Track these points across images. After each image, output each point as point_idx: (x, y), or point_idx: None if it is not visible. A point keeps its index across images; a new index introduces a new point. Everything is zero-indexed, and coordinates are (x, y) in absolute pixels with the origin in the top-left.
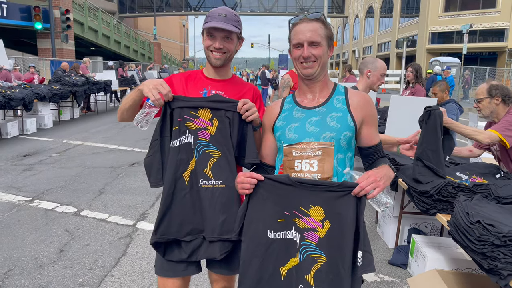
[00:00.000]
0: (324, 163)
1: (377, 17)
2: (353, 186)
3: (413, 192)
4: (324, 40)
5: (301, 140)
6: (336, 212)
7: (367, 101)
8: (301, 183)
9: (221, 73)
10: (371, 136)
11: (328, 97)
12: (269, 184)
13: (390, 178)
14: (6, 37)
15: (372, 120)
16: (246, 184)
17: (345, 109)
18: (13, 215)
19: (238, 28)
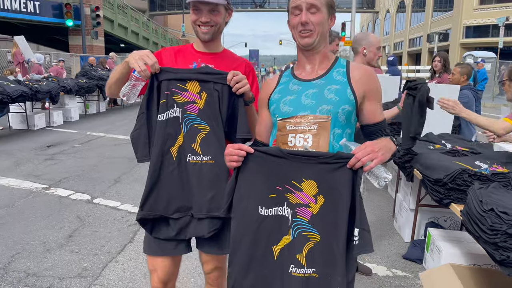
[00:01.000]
0: (319, 138)
1: (408, 11)
2: (348, 157)
3: (427, 181)
4: (324, 6)
5: (296, 114)
6: (330, 186)
7: (370, 74)
8: (293, 155)
9: (211, 47)
10: (374, 113)
11: (328, 69)
12: (260, 157)
13: (391, 150)
14: (39, 35)
15: (375, 95)
16: (234, 156)
17: (345, 82)
18: (28, 201)
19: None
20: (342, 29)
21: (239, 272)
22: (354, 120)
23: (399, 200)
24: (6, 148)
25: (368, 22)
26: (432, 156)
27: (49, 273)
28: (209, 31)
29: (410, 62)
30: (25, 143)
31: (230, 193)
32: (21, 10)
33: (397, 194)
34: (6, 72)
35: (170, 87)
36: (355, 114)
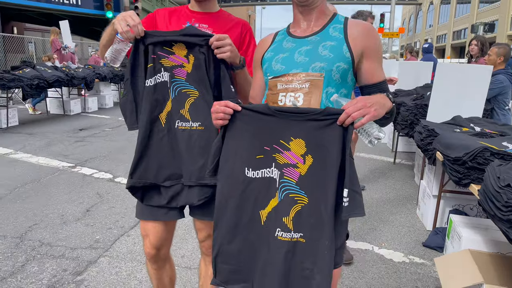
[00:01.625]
0: (311, 96)
1: (453, 2)
2: (338, 113)
3: (446, 160)
4: None
5: (288, 72)
6: (318, 145)
7: (369, 30)
8: (281, 112)
9: (206, 7)
10: (373, 72)
11: (324, 25)
12: (247, 115)
13: (385, 106)
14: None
15: (374, 54)
16: (219, 114)
17: (341, 38)
18: (54, 178)
19: None
20: (381, 21)
21: (224, 237)
22: (352, 80)
23: (423, 186)
24: (41, 130)
25: (410, 14)
26: (455, 135)
27: (63, 243)
28: None
29: (453, 55)
30: (60, 126)
31: (216, 153)
32: (63, 2)
33: (421, 181)
34: (44, 58)
35: (156, 51)
36: (352, 73)
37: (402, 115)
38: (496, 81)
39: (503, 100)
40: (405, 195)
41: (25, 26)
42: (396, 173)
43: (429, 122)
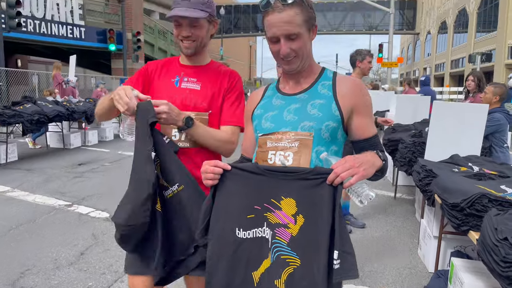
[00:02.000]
0: (300, 155)
1: (450, 32)
2: (327, 172)
3: (444, 205)
4: (303, 26)
5: (277, 130)
6: (309, 204)
7: (358, 87)
8: (270, 171)
9: (195, 60)
10: (364, 128)
11: (313, 82)
12: (237, 174)
13: (374, 165)
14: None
15: (364, 109)
16: (209, 174)
17: (330, 96)
18: (49, 218)
19: (205, 11)
20: (380, 51)
21: None
22: (342, 136)
23: (423, 226)
24: (40, 166)
25: (408, 43)
26: (452, 178)
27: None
28: (190, 45)
29: (452, 83)
30: (59, 161)
31: (207, 213)
32: (67, 36)
33: (421, 220)
34: (45, 93)
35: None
36: (342, 130)
37: (400, 152)
38: (492, 119)
39: (500, 138)
40: (407, 233)
41: (29, 59)
42: (397, 209)
43: (427, 161)
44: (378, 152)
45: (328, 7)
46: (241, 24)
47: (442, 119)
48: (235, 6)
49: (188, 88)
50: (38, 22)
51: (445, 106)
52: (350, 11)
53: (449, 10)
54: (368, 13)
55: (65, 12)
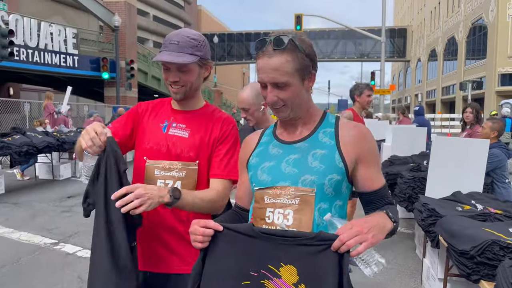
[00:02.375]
0: (301, 214)
1: (440, 60)
2: (332, 238)
3: (452, 251)
4: (295, 75)
5: (275, 184)
6: (312, 273)
7: (363, 134)
8: (267, 235)
9: (186, 104)
10: (371, 179)
11: (314, 129)
12: (230, 236)
13: (385, 230)
14: (79, 87)
15: (370, 158)
16: (198, 236)
17: (333, 145)
18: (34, 258)
19: (194, 55)
20: (372, 78)
21: None
22: (347, 188)
23: (426, 266)
24: (27, 199)
25: (399, 70)
26: (458, 221)
27: None
28: (179, 90)
29: (443, 110)
30: (47, 193)
31: (196, 279)
32: (61, 64)
33: (424, 259)
34: (35, 123)
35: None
36: (347, 182)
37: (399, 188)
38: (491, 155)
39: (501, 174)
40: (408, 272)
41: (22, 87)
42: (396, 245)
43: (429, 199)
44: (388, 212)
45: (320, 35)
46: (234, 52)
47: (442, 155)
48: (228, 34)
49: (175, 135)
50: (31, 51)
51: (446, 141)
52: (342, 39)
53: (438, 39)
54: (359, 41)
55: (58, 41)
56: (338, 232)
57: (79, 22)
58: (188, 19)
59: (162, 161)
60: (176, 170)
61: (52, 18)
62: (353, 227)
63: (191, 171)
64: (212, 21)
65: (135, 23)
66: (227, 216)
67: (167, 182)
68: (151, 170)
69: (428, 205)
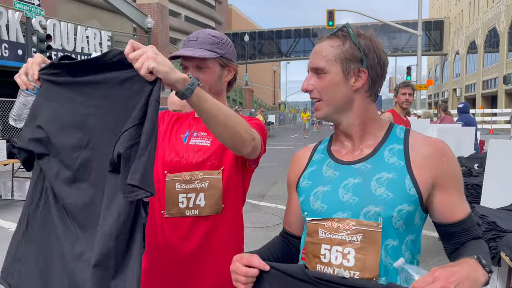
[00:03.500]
0: (365, 254)
1: (481, 52)
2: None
3: None
4: (335, 64)
5: (332, 215)
6: None
7: (441, 151)
8: (322, 281)
9: None
10: (452, 208)
11: (377, 146)
12: (277, 277)
13: (477, 284)
14: None
15: (450, 182)
16: (241, 277)
17: (403, 167)
18: None
19: (214, 51)
20: (408, 73)
21: None
22: (421, 219)
23: None
24: None
25: (435, 64)
26: None
27: None
28: None
29: (484, 105)
30: None
31: None
32: None
33: None
34: None
35: None
36: (421, 211)
37: None
38: None
39: None
40: None
41: None
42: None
43: (486, 209)
44: (481, 260)
45: None
46: (265, 50)
47: (500, 160)
48: (259, 32)
49: (196, 145)
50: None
51: (504, 144)
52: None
53: (478, 30)
54: (393, 35)
55: (94, 44)
56: (415, 286)
57: (114, 25)
58: (219, 18)
59: (183, 173)
60: (197, 181)
61: (87, 22)
62: (435, 281)
63: (215, 181)
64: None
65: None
66: (274, 245)
67: (189, 196)
68: (172, 185)
69: (486, 217)
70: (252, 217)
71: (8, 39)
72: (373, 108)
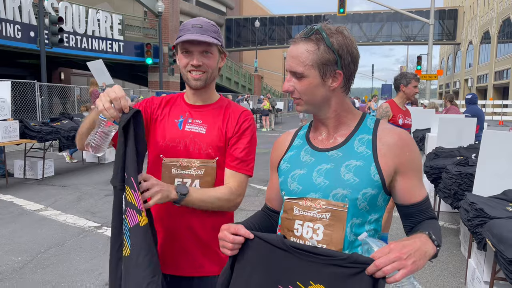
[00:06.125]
0: (332, 230)
1: (494, 42)
2: (367, 262)
3: (500, 257)
4: (313, 68)
5: (306, 195)
6: None
7: (404, 142)
8: (297, 250)
9: (202, 97)
10: (411, 192)
11: (349, 135)
12: (260, 245)
13: (426, 256)
14: (123, 71)
15: (411, 170)
16: (228, 244)
17: (369, 156)
18: (78, 241)
19: (218, 39)
20: (418, 63)
21: None
22: (384, 200)
23: (471, 267)
24: (74, 182)
25: (448, 54)
26: (509, 225)
27: None
28: (201, 76)
29: (496, 96)
30: (93, 177)
31: (225, 285)
32: (107, 50)
33: (469, 260)
34: (82, 108)
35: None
36: (384, 194)
37: (444, 183)
38: None
39: None
40: (452, 271)
41: (72, 72)
42: None
43: (476, 197)
44: (431, 235)
45: (364, 17)
46: (276, 36)
47: (492, 150)
48: (270, 18)
49: (192, 132)
50: (80, 37)
51: (497, 136)
52: (387, 21)
53: (493, 20)
54: (405, 23)
55: (105, 27)
56: (374, 256)
57: (125, 8)
58: (230, 3)
59: (180, 159)
60: (194, 168)
61: (99, 5)
62: (391, 252)
63: (210, 169)
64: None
65: (178, 8)
66: (257, 218)
67: (186, 181)
68: (168, 168)
69: (475, 205)
70: (256, 201)
71: (21, 21)
72: (348, 101)
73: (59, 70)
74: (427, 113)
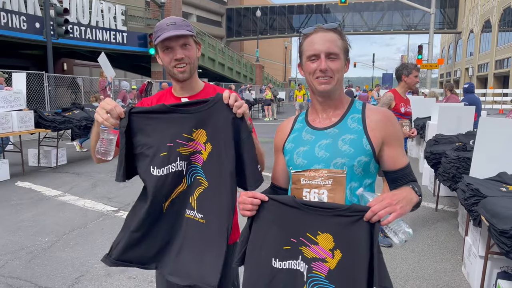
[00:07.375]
0: (335, 193)
1: (495, 31)
2: (364, 210)
3: (493, 230)
4: (342, 52)
5: (310, 167)
6: (347, 241)
7: (387, 118)
8: (307, 206)
9: (188, 88)
10: (395, 159)
11: (342, 115)
12: (274, 206)
13: (411, 202)
14: (126, 62)
15: (394, 140)
16: (247, 205)
17: (361, 130)
18: (99, 223)
19: (191, 32)
20: (419, 52)
21: None
22: (375, 168)
23: (468, 244)
24: (87, 170)
25: (449, 43)
26: (501, 202)
27: None
28: (185, 69)
29: (496, 84)
30: (105, 165)
31: (244, 243)
32: (110, 41)
33: (466, 237)
34: (91, 99)
35: (175, 138)
36: (374, 162)
37: (444, 167)
38: None
39: None
40: (450, 249)
41: (74, 62)
42: (439, 223)
43: (473, 179)
44: (414, 187)
45: (365, 6)
46: (277, 25)
47: (488, 136)
48: (270, 7)
49: None
50: (84, 28)
51: (492, 122)
52: (388, 10)
53: (494, 8)
54: (406, 12)
55: (108, 18)
56: (370, 204)
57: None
58: None
59: None
60: None
61: None
62: (383, 200)
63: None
64: None
65: None
66: (267, 192)
67: None
68: None
69: (471, 185)
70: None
71: (26, 12)
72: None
73: (62, 61)
74: (427, 101)
